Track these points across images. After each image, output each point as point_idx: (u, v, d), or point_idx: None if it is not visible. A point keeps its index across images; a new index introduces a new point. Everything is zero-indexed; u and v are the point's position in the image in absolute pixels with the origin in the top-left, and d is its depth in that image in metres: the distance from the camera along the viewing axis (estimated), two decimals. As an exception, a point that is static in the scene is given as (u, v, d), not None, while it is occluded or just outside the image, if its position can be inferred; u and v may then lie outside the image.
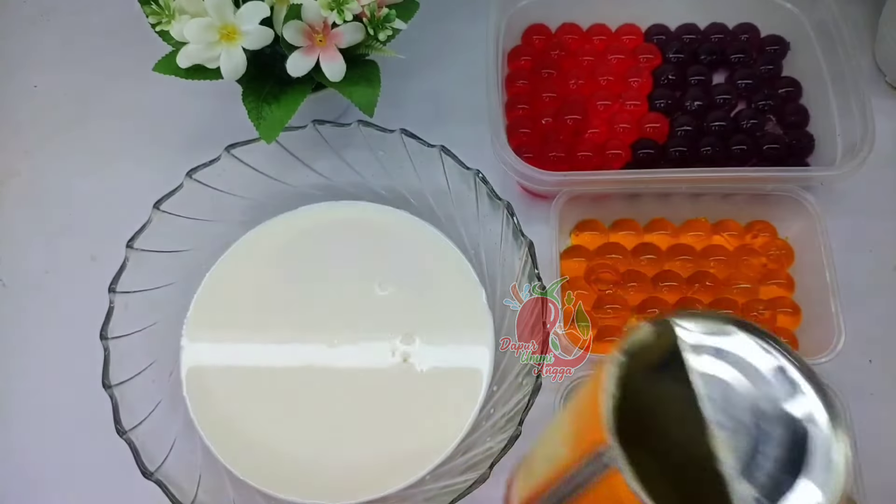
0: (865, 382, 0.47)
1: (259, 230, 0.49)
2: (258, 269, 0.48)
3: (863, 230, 0.52)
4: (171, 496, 0.37)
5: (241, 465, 0.42)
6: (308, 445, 0.43)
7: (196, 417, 0.43)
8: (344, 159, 0.48)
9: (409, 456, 0.42)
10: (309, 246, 0.48)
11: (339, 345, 0.45)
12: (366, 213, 0.49)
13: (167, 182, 0.44)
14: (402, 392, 0.44)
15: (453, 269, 0.47)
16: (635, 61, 0.57)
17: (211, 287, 0.47)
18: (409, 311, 0.46)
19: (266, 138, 0.44)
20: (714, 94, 0.55)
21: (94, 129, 0.57)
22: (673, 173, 0.49)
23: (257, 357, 0.45)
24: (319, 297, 0.47)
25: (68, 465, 0.46)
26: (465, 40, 0.59)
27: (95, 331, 0.40)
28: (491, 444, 0.40)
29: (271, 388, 0.44)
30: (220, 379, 0.44)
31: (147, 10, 0.43)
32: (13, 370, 0.49)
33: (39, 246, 0.53)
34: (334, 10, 0.42)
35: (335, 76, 0.44)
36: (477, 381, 0.44)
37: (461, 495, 0.36)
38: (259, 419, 0.43)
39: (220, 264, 0.48)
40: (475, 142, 0.51)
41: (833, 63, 0.52)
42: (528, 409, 0.38)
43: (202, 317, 0.46)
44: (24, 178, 0.56)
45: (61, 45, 0.61)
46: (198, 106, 0.57)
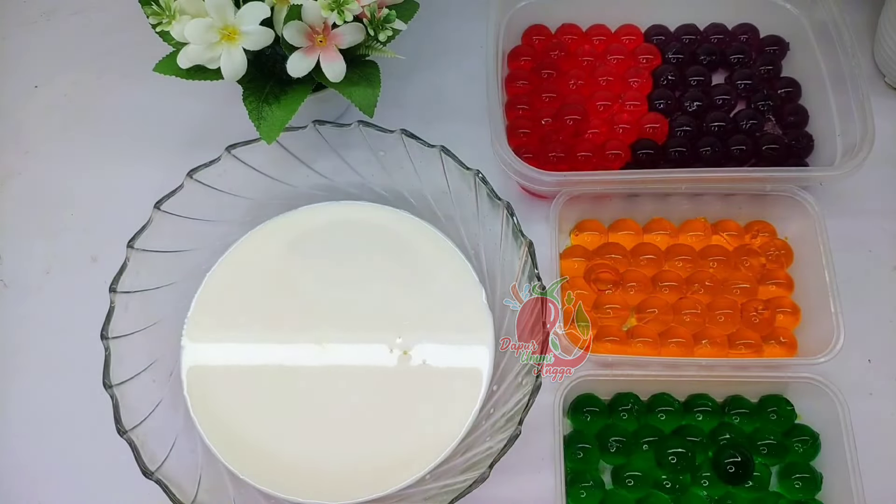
0: (865, 382, 0.47)
1: (259, 230, 0.49)
2: (259, 270, 0.48)
3: (862, 230, 0.52)
4: (171, 496, 0.37)
5: (242, 464, 0.42)
6: (308, 445, 0.43)
7: (196, 417, 0.43)
8: (344, 159, 0.48)
9: (409, 456, 0.42)
10: (309, 246, 0.48)
11: (339, 344, 0.45)
12: (366, 213, 0.49)
13: (168, 182, 0.44)
14: (401, 392, 0.44)
15: (453, 269, 0.47)
16: (635, 62, 0.57)
17: (212, 287, 0.47)
18: (408, 310, 0.46)
19: (266, 138, 0.44)
20: (713, 95, 0.55)
21: (94, 130, 0.57)
22: (672, 173, 0.49)
23: (258, 357, 0.45)
24: (319, 297, 0.47)
25: (69, 464, 0.46)
26: (465, 41, 0.59)
27: (96, 331, 0.40)
28: (491, 443, 0.40)
29: (272, 388, 0.44)
30: (220, 378, 0.45)
31: (147, 11, 0.44)
32: (13, 370, 0.49)
33: (40, 246, 0.53)
34: (335, 11, 0.42)
35: (335, 77, 0.44)
36: (477, 380, 0.44)
37: (461, 495, 0.36)
38: (259, 419, 0.43)
39: (221, 264, 0.48)
40: (475, 142, 0.52)
41: (832, 63, 0.52)
42: (528, 409, 0.38)
43: (203, 317, 0.46)
44: (24, 178, 0.56)
45: (61, 45, 0.61)
46: (198, 106, 0.57)
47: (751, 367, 0.46)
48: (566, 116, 0.54)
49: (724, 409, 0.46)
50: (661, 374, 0.45)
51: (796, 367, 0.45)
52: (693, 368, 0.45)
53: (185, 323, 0.46)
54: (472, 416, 0.43)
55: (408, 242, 0.48)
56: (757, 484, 0.43)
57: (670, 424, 0.46)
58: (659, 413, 0.46)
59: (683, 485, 0.44)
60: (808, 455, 0.44)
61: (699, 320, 0.48)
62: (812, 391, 0.45)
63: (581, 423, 0.45)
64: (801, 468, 0.44)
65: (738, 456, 0.43)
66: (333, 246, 0.49)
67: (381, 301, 0.46)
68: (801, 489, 0.43)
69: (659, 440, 0.45)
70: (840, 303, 0.45)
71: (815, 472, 0.44)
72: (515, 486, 0.44)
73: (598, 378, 0.45)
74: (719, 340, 0.47)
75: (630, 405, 0.46)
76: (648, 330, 0.47)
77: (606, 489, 0.44)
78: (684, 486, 0.44)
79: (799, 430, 0.45)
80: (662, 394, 0.46)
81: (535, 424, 0.44)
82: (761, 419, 0.46)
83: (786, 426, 0.45)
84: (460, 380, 0.44)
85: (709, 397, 0.46)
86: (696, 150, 0.52)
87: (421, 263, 0.48)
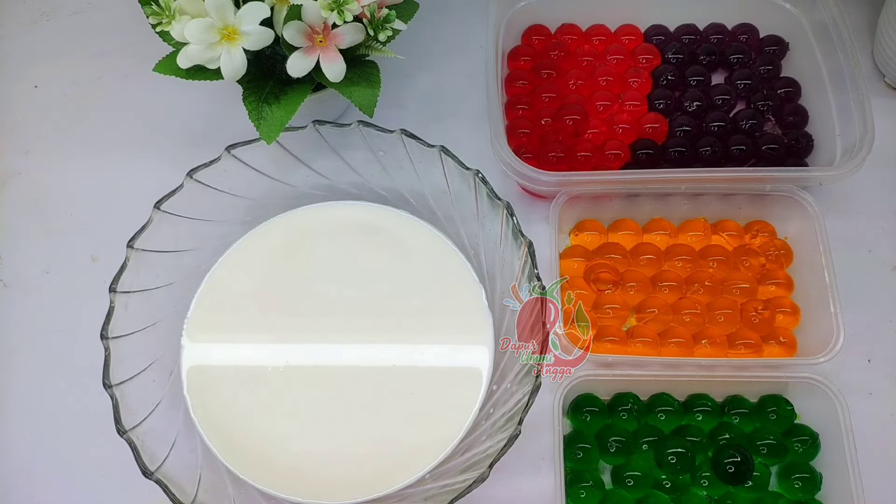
0: (864, 382, 0.47)
1: (259, 230, 0.49)
2: (258, 269, 0.48)
3: (862, 230, 0.52)
4: (171, 496, 0.37)
5: (241, 464, 0.42)
6: (308, 444, 0.43)
7: (196, 417, 0.43)
8: (344, 159, 0.48)
9: (409, 456, 0.42)
10: (309, 246, 0.48)
11: (339, 344, 0.45)
12: (366, 212, 0.49)
13: (168, 182, 0.44)
14: (401, 391, 0.44)
15: (453, 269, 0.47)
16: (634, 62, 0.57)
17: (211, 287, 0.47)
18: (408, 310, 0.46)
19: (267, 139, 0.44)
20: (713, 95, 0.55)
21: (94, 130, 0.57)
22: (672, 173, 0.49)
23: (258, 357, 0.45)
24: (319, 298, 0.47)
25: (69, 464, 0.46)
26: (465, 41, 0.59)
27: (96, 331, 0.40)
28: (490, 443, 0.40)
29: (272, 389, 0.44)
30: (220, 378, 0.45)
31: (148, 11, 0.44)
32: (13, 370, 0.49)
33: (39, 246, 0.53)
34: (334, 11, 0.42)
35: (335, 77, 0.44)
36: (477, 380, 0.44)
37: (461, 495, 0.36)
38: (259, 419, 0.43)
39: (221, 264, 0.48)
40: (475, 142, 0.52)
41: (832, 63, 0.52)
42: (528, 409, 0.38)
43: (203, 316, 0.46)
44: (24, 178, 0.56)
45: (61, 45, 0.61)
46: (198, 106, 0.57)
47: (750, 367, 0.46)
48: (566, 116, 0.54)
49: (723, 409, 0.46)
50: (660, 375, 0.45)
51: (796, 367, 0.45)
52: (693, 368, 0.45)
53: (185, 323, 0.46)
54: (472, 416, 0.43)
55: (408, 243, 0.48)
56: (756, 484, 0.44)
57: (670, 424, 0.46)
58: (659, 413, 0.46)
59: (683, 485, 0.44)
60: (808, 455, 0.44)
61: (699, 320, 0.48)
62: (812, 391, 0.45)
63: (581, 423, 0.45)
64: (800, 468, 0.44)
65: (737, 456, 0.43)
66: (333, 246, 0.49)
67: (380, 301, 0.46)
68: (800, 489, 0.43)
69: (658, 440, 0.45)
70: (839, 303, 0.45)
71: (814, 472, 0.44)
72: (515, 486, 0.44)
73: (597, 378, 0.45)
74: (719, 340, 0.47)
75: (630, 405, 0.46)
76: (648, 330, 0.47)
77: (606, 489, 0.44)
78: (684, 487, 0.44)
79: (798, 430, 0.45)
80: (662, 394, 0.46)
81: (535, 424, 0.44)
82: (761, 419, 0.46)
83: (785, 426, 0.45)
84: (460, 380, 0.44)
85: (708, 397, 0.46)
86: (696, 150, 0.52)
87: (421, 264, 0.48)
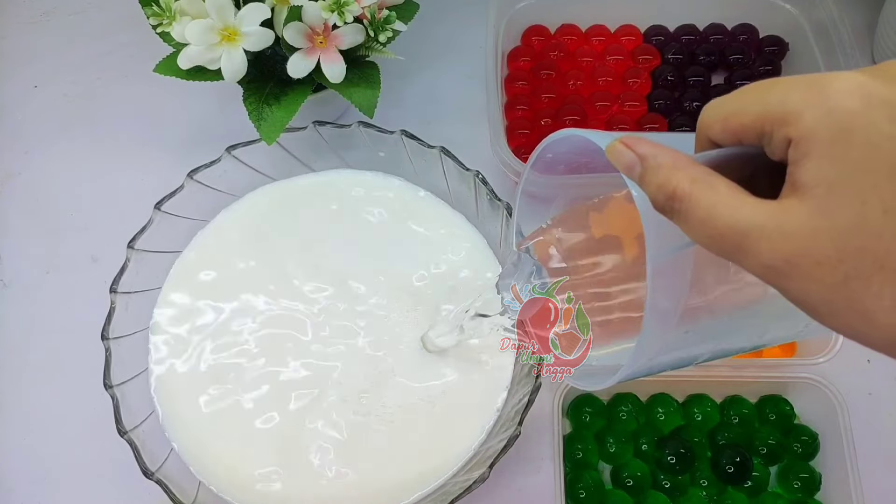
0: (864, 382, 0.47)
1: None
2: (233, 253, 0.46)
3: (861, 231, 0.52)
4: (171, 496, 0.37)
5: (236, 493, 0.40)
6: (305, 474, 0.41)
7: (170, 435, 0.41)
8: (344, 160, 0.48)
9: (414, 480, 0.40)
10: (309, 246, 0.48)
11: (339, 347, 0.45)
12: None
13: (168, 183, 0.44)
14: (406, 421, 0.42)
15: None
16: (634, 62, 0.57)
17: None
18: (409, 313, 0.46)
19: (267, 139, 0.44)
20: (713, 95, 0.55)
21: (94, 130, 0.57)
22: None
23: (247, 374, 0.43)
24: (318, 303, 0.46)
25: (69, 464, 0.46)
26: (465, 42, 0.59)
27: (96, 331, 0.40)
28: (491, 443, 0.40)
29: (260, 412, 0.42)
30: (192, 396, 0.42)
31: (148, 12, 0.44)
32: (14, 370, 0.49)
33: (40, 246, 0.53)
34: (335, 12, 0.42)
35: (336, 77, 0.44)
36: (492, 402, 0.43)
37: (461, 495, 0.36)
38: (245, 442, 0.41)
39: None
40: (475, 142, 0.52)
41: (832, 64, 0.52)
42: (528, 409, 0.38)
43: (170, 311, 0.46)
44: (24, 178, 0.56)
45: (61, 45, 0.61)
46: (199, 107, 0.57)
47: (750, 367, 0.46)
48: (566, 117, 0.54)
49: (723, 410, 0.46)
50: (660, 374, 0.45)
51: (795, 367, 0.45)
52: (692, 368, 0.45)
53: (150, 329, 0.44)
54: (485, 433, 0.41)
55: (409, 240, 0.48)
56: (756, 484, 0.44)
57: (669, 425, 0.46)
58: (658, 413, 0.46)
59: (682, 485, 0.44)
60: (807, 455, 0.45)
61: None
62: (811, 391, 0.45)
63: (580, 423, 0.45)
64: (800, 468, 0.44)
65: (737, 456, 0.43)
66: (334, 243, 0.48)
67: (379, 302, 0.46)
68: (800, 489, 0.43)
69: (658, 440, 0.45)
70: (839, 303, 0.45)
71: (814, 472, 0.44)
72: (515, 486, 0.45)
73: (597, 378, 0.45)
74: (718, 341, 0.47)
75: (629, 405, 0.46)
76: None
77: (606, 489, 0.44)
78: (683, 487, 0.44)
79: (798, 430, 0.45)
80: (661, 394, 0.46)
81: (535, 424, 0.44)
82: (760, 419, 0.46)
83: (785, 426, 0.45)
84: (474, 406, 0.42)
85: (708, 397, 0.46)
86: (696, 151, 0.52)
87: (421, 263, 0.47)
